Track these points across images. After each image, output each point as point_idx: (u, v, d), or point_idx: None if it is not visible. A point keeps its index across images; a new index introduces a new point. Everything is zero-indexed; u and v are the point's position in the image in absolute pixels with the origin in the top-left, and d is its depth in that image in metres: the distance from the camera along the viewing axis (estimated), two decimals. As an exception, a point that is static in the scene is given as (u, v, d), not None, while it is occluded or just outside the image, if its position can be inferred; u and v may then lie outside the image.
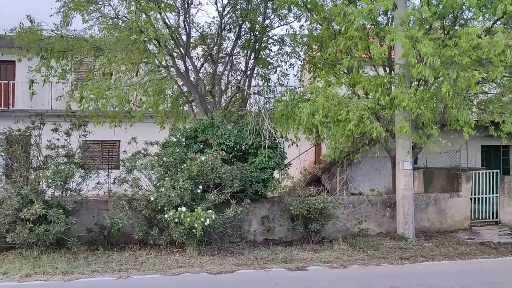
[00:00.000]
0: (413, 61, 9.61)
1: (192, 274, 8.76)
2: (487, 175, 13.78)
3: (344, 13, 10.64)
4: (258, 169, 11.42)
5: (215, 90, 15.10)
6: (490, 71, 9.98)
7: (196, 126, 12.10)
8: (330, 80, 12.53)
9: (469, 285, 7.97)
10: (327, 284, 8.10)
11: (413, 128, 11.42)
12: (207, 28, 15.60)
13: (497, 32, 9.61)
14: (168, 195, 9.95)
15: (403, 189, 11.91)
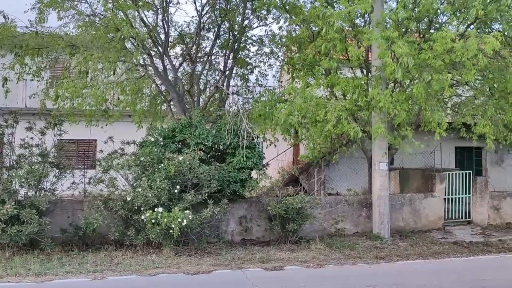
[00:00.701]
0: (388, 61, 9.77)
1: (168, 275, 8.70)
2: (460, 176, 14.09)
3: (323, 15, 10.74)
4: (236, 169, 11.43)
5: (193, 90, 15.04)
6: (463, 74, 10.20)
7: (174, 125, 12.03)
8: (308, 81, 12.63)
9: (441, 284, 8.14)
10: (304, 284, 8.16)
11: (389, 129, 11.60)
12: (186, 28, 15.56)
13: (470, 36, 9.83)
14: (145, 195, 9.87)
15: (379, 189, 12.08)
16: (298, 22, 13.03)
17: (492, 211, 14.19)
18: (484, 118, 11.21)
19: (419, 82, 10.27)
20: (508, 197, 14.45)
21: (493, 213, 14.20)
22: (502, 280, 8.33)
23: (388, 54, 9.88)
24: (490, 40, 9.47)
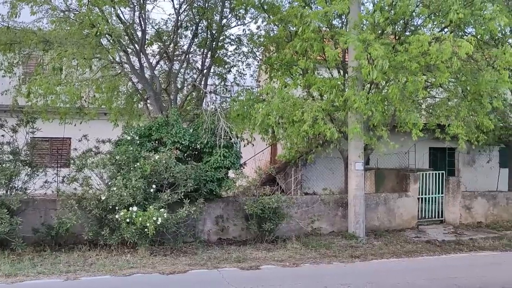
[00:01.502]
0: (364, 63, 9.88)
1: (143, 275, 8.60)
2: (434, 176, 14.36)
3: (300, 15, 10.79)
4: (213, 169, 11.39)
5: (170, 88, 14.92)
6: (438, 77, 10.40)
7: (151, 124, 11.91)
8: (286, 81, 12.68)
9: (414, 282, 8.28)
10: (280, 283, 8.18)
11: (365, 129, 11.74)
12: (163, 25, 15.43)
13: (445, 40, 10.02)
14: (120, 194, 9.75)
15: (354, 189, 12.21)
16: (275, 21, 13.07)
17: (464, 210, 14.51)
18: (457, 119, 11.47)
19: (395, 83, 10.42)
20: (479, 197, 14.80)
21: (465, 212, 14.52)
22: (473, 278, 8.51)
23: (365, 56, 10.00)
24: (464, 44, 9.67)
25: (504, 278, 8.54)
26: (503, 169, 18.28)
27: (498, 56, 10.79)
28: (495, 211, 14.84)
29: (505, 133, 15.72)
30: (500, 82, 10.90)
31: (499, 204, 14.93)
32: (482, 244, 11.74)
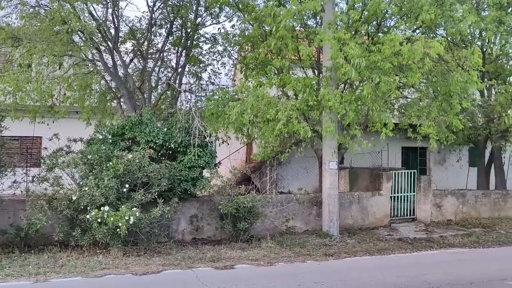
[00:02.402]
0: (341, 61, 9.98)
1: (116, 276, 8.47)
2: (406, 175, 14.62)
3: (274, 14, 10.82)
4: (187, 168, 11.32)
5: (144, 87, 14.75)
6: (410, 77, 10.59)
7: (124, 123, 11.75)
8: (261, 81, 12.69)
9: (386, 279, 8.41)
10: (254, 282, 8.19)
11: (338, 129, 11.86)
12: (137, 23, 15.25)
13: (417, 40, 10.21)
14: (92, 194, 9.58)
15: (328, 188, 12.32)
16: (250, 20, 13.07)
17: (435, 208, 14.83)
18: (428, 119, 11.70)
19: (368, 83, 10.56)
20: (449, 195, 15.15)
21: (436, 210, 14.83)
22: (443, 274, 8.70)
23: (341, 55, 10.09)
24: (435, 45, 9.88)
25: (472, 274, 8.76)
26: (472, 168, 18.78)
27: (467, 57, 11.07)
28: (464, 209, 15.21)
29: (474, 133, 16.14)
30: (469, 82, 11.18)
31: (468, 202, 15.32)
32: (452, 241, 12.02)
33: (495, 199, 15.67)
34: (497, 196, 15.75)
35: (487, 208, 15.50)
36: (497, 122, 14.83)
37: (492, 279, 8.35)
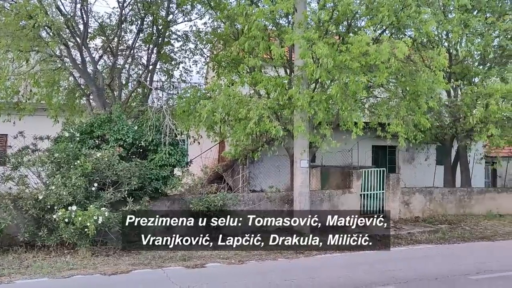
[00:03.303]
0: (309, 61, 10.06)
1: (84, 276, 8.32)
2: (375, 173, 14.86)
3: (246, 13, 10.82)
4: (158, 166, 11.22)
5: (114, 84, 14.53)
6: (378, 77, 10.76)
7: (93, 120, 11.55)
8: (233, 79, 12.68)
9: (355, 275, 8.54)
10: (224, 281, 8.18)
11: (309, 128, 11.96)
12: (107, 19, 15.00)
13: (383, 41, 10.40)
14: (59, 194, 9.40)
15: (300, 186, 12.42)
16: (222, 18, 13.03)
17: (403, 206, 15.15)
18: (397, 118, 11.93)
19: (338, 83, 10.68)
20: (417, 193, 15.50)
21: (404, 207, 15.16)
22: (410, 270, 8.91)
23: (309, 55, 10.18)
24: (401, 45, 10.07)
25: (438, 269, 9.00)
26: (439, 166, 19.26)
27: (433, 58, 11.33)
28: (431, 206, 15.60)
29: (440, 132, 16.57)
30: (436, 82, 11.45)
31: (435, 199, 15.72)
32: (419, 238, 12.30)
33: (461, 197, 16.13)
34: (462, 194, 16.21)
35: (453, 205, 15.94)
36: (463, 122, 15.23)
37: (456, 274, 8.59)
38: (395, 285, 7.85)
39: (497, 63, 16.23)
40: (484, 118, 13.80)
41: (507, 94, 13.34)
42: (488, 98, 13.49)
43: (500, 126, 14.09)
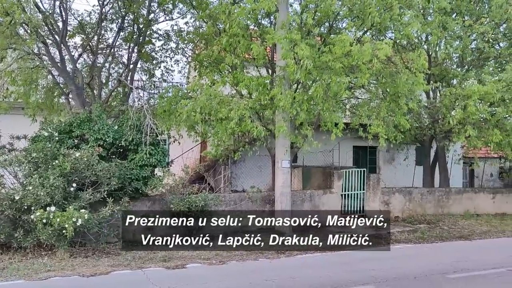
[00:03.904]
0: (290, 62, 10.09)
1: (61, 278, 8.18)
2: (356, 173, 14.98)
3: (228, 12, 10.79)
4: (138, 166, 11.11)
5: (94, 83, 14.33)
6: (359, 78, 10.85)
7: (72, 120, 11.38)
8: (214, 79, 12.63)
9: (335, 275, 8.59)
10: (205, 281, 8.14)
11: (291, 128, 11.99)
12: (87, 17, 14.77)
13: (366, 42, 10.49)
14: (36, 194, 9.21)
15: (281, 186, 12.44)
16: (204, 17, 12.97)
17: (383, 205, 15.30)
18: (377, 119, 12.05)
19: (319, 83, 10.74)
20: (396, 193, 15.69)
21: (384, 207, 15.30)
22: (389, 269, 9.00)
23: (291, 56, 10.20)
24: (383, 46, 10.17)
25: (417, 269, 9.10)
26: (418, 166, 19.53)
27: (414, 59, 11.48)
28: (411, 206, 15.81)
29: (420, 133, 16.80)
30: (416, 84, 11.61)
31: (414, 199, 15.93)
32: (399, 237, 12.45)
33: (439, 196, 16.38)
34: (441, 194, 16.47)
35: (432, 205, 16.18)
36: (442, 123, 15.47)
37: (434, 273, 8.71)
38: (375, 284, 7.92)
39: (474, 66, 16.55)
40: (462, 120, 14.03)
41: (484, 96, 13.60)
42: (466, 100, 13.73)
43: (477, 128, 14.35)
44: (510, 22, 14.63)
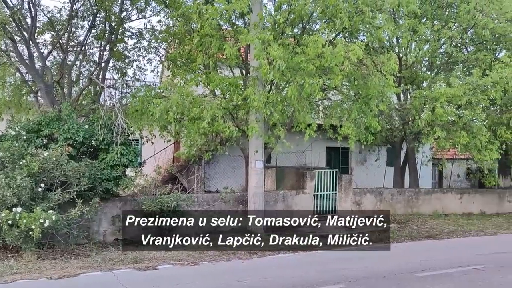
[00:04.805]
0: (264, 62, 10.12)
1: (28, 281, 7.99)
2: (328, 174, 15.13)
3: (200, 11, 10.74)
4: (109, 166, 10.94)
5: (64, 81, 14.02)
6: (332, 79, 10.97)
7: (40, 118, 11.11)
8: (187, 78, 12.55)
9: (307, 274, 8.67)
10: (176, 282, 8.08)
11: (264, 129, 12.03)
12: (57, 13, 14.44)
13: (338, 43, 10.61)
14: (2, 194, 8.97)
15: (254, 186, 12.46)
16: (177, 16, 12.87)
17: (355, 206, 15.51)
18: (348, 120, 12.19)
19: (293, 85, 10.80)
20: (368, 193, 15.94)
21: (356, 207, 15.52)
22: (360, 269, 9.13)
23: (264, 56, 10.23)
24: (355, 48, 10.31)
25: (387, 268, 9.27)
26: (389, 167, 19.87)
27: (384, 62, 11.68)
28: (382, 206, 16.07)
29: (391, 135, 17.10)
30: (386, 86, 11.81)
31: (385, 199, 16.22)
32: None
33: (409, 197, 16.72)
34: (410, 194, 16.82)
35: (402, 205, 16.50)
36: (411, 125, 15.77)
37: (403, 271, 8.89)
38: (346, 283, 8.02)
39: (443, 69, 16.96)
40: (431, 121, 14.34)
41: (452, 98, 13.94)
42: (434, 102, 14.04)
43: (445, 129, 14.69)
44: (477, 28, 15.04)
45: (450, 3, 15.86)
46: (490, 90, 14.04)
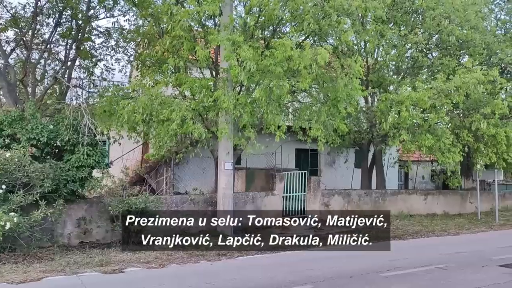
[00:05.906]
0: (234, 63, 10.13)
1: (-13, 286, 7.72)
2: (297, 176, 15.26)
3: (171, 12, 10.66)
4: (75, 168, 10.72)
5: (27, 79, 13.63)
6: (300, 82, 11.08)
7: (2, 118, 10.78)
8: (157, 79, 12.43)
9: (275, 276, 8.70)
10: (143, 285, 7.98)
11: (234, 130, 12.02)
12: (21, 10, 14.03)
13: (306, 47, 10.73)
14: (-40, 196, 8.61)
15: (224, 188, 12.44)
16: (146, 16, 12.72)
17: (323, 207, 15.68)
18: (317, 123, 12.32)
19: (262, 87, 10.85)
20: (336, 195, 16.15)
21: (324, 209, 15.69)
22: (326, 270, 9.23)
23: (234, 57, 10.24)
24: (322, 52, 10.45)
25: (353, 268, 9.42)
26: (357, 169, 20.20)
27: (351, 65, 11.87)
28: (349, 207, 16.30)
29: (358, 137, 17.38)
30: (353, 89, 12.00)
31: (353, 201, 16.46)
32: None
33: (376, 198, 17.04)
34: (377, 195, 17.14)
35: (369, 206, 16.78)
36: (378, 127, 16.06)
37: (369, 271, 9.05)
38: (313, 284, 8.10)
39: (409, 74, 17.38)
40: (396, 124, 14.66)
41: (417, 102, 14.30)
42: (400, 106, 14.36)
43: (411, 132, 15.05)
44: (443, 34, 15.50)
45: (416, 9, 16.27)
46: (453, 94, 14.47)
